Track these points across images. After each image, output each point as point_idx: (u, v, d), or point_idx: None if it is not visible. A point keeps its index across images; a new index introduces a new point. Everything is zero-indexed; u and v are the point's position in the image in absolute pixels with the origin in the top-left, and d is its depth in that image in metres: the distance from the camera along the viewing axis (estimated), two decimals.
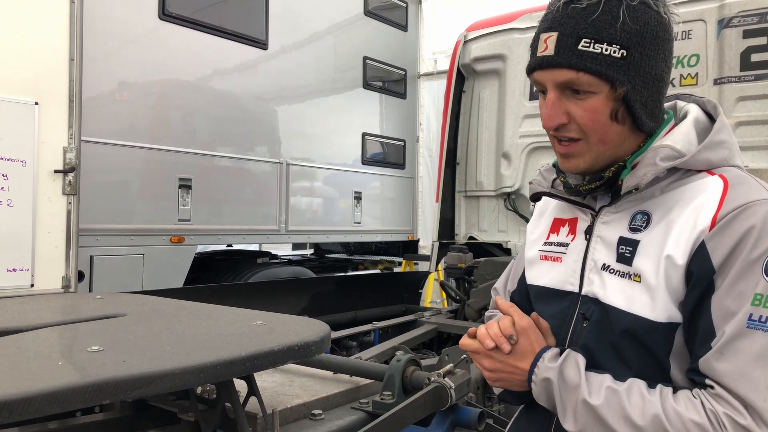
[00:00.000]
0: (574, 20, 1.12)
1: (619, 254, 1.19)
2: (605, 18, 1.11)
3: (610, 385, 1.11)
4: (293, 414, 1.69)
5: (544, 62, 1.15)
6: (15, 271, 3.35)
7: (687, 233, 1.10)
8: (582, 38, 1.11)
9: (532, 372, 1.19)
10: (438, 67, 7.03)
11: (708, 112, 1.25)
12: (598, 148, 1.17)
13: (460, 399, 1.94)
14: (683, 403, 1.05)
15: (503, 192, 5.09)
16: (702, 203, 1.11)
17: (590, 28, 1.11)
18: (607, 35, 1.11)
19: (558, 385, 1.16)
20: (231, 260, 6.07)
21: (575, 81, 1.13)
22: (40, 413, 1.02)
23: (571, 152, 1.19)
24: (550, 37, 1.14)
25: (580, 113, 1.15)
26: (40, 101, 3.45)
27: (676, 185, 1.18)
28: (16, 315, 1.76)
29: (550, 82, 1.16)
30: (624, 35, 1.11)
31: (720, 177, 1.14)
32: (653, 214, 1.17)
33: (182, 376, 1.19)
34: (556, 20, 1.15)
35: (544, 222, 1.42)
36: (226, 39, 4.96)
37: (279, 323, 1.67)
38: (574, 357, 1.17)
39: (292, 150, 5.65)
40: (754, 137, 3.89)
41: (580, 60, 1.12)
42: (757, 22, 3.85)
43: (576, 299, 1.26)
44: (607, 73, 1.12)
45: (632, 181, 1.16)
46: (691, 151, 1.16)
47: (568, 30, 1.13)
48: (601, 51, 1.11)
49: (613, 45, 1.11)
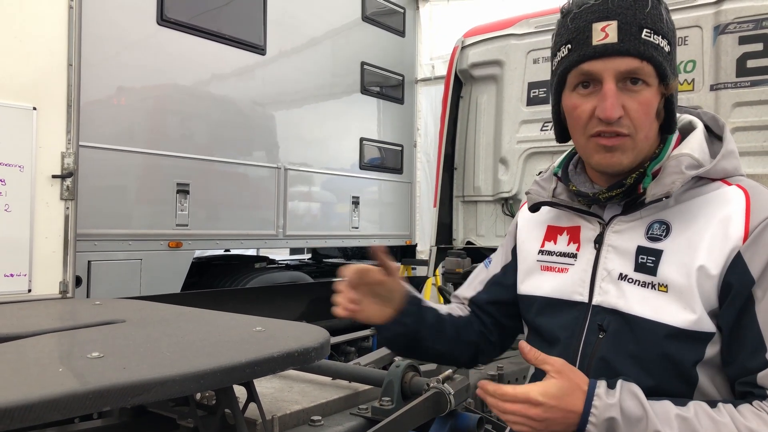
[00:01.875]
0: (631, 11, 1.11)
1: (639, 263, 1.17)
2: (655, 12, 1.12)
3: (678, 413, 1.06)
4: (292, 420, 1.69)
5: (607, 50, 1.12)
6: (12, 276, 3.35)
7: (719, 244, 1.10)
8: (644, 28, 1.11)
9: (589, 414, 1.08)
10: (435, 72, 7.04)
11: (705, 123, 1.26)
12: (642, 145, 1.16)
13: (459, 404, 1.94)
14: (753, 420, 1.04)
15: (501, 197, 5.10)
16: (729, 214, 1.11)
17: (649, 19, 1.11)
18: (660, 28, 1.12)
19: (622, 421, 1.06)
20: (229, 265, 6.07)
21: (638, 70, 1.11)
22: (40, 420, 1.01)
23: (617, 145, 1.15)
24: (608, 25, 1.11)
25: (635, 107, 1.13)
26: (38, 106, 3.45)
27: (690, 194, 1.18)
28: (15, 321, 1.75)
29: (610, 71, 1.12)
30: (669, 32, 1.13)
31: (738, 187, 1.15)
32: (673, 224, 1.16)
33: (182, 382, 1.19)
34: (610, 10, 1.12)
35: (537, 230, 1.40)
36: (224, 44, 4.96)
37: (278, 329, 1.67)
38: (629, 388, 1.09)
39: (289, 155, 5.65)
40: (751, 143, 3.91)
41: (646, 48, 1.11)
42: (753, 28, 3.87)
43: (586, 309, 1.24)
44: (664, 65, 1.12)
45: (659, 189, 1.14)
46: (707, 160, 1.16)
47: (629, 19, 1.11)
48: (659, 42, 1.11)
49: (664, 39, 1.12)
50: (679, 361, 1.12)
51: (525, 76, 4.94)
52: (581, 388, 1.10)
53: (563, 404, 1.08)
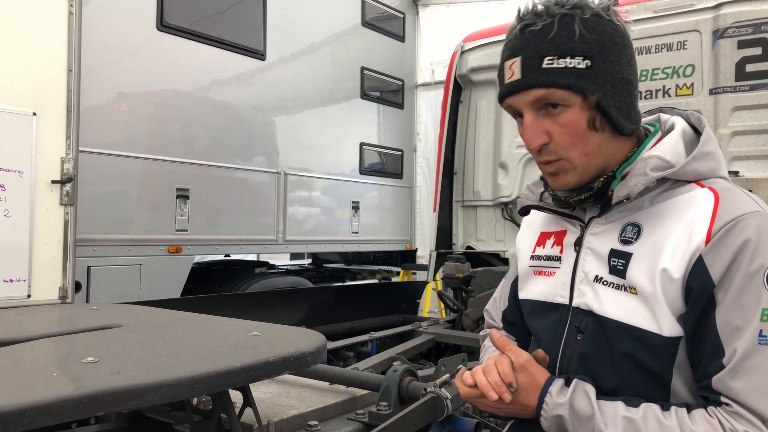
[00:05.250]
0: (534, 42, 1.15)
1: (612, 266, 1.19)
2: (562, 34, 1.14)
3: (625, 415, 1.09)
4: (289, 425, 1.69)
5: (513, 87, 1.18)
6: (12, 281, 3.35)
7: (683, 247, 1.10)
8: (545, 57, 1.14)
9: (541, 409, 1.17)
10: (435, 77, 7.06)
11: (692, 124, 1.26)
12: (582, 161, 1.18)
13: (457, 409, 1.93)
14: (702, 425, 1.05)
15: (500, 201, 5.10)
16: (695, 217, 1.12)
17: (551, 46, 1.14)
18: (568, 49, 1.13)
19: (570, 419, 1.14)
20: (228, 270, 6.07)
21: (547, 97, 1.15)
22: (34, 425, 1.01)
23: (557, 170, 1.20)
24: (514, 63, 1.17)
25: (558, 130, 1.16)
26: (38, 112, 3.46)
27: (664, 196, 1.19)
28: (12, 326, 1.76)
29: (524, 104, 1.18)
30: (584, 46, 1.14)
31: (710, 189, 1.15)
32: (644, 226, 1.18)
33: (177, 387, 1.19)
34: (516, 46, 1.17)
35: (531, 236, 1.43)
36: (224, 50, 4.97)
37: (275, 334, 1.67)
38: (582, 387, 1.15)
39: (289, 160, 5.66)
40: (750, 147, 3.91)
41: (547, 77, 1.14)
42: (752, 32, 3.87)
43: (567, 311, 1.26)
44: (576, 84, 1.14)
45: (622, 192, 1.16)
46: (680, 162, 1.17)
47: (529, 52, 1.15)
48: (566, 65, 1.13)
49: (576, 57, 1.13)
50: (650, 363, 1.13)
51: None
52: (538, 384, 1.18)
53: (520, 398, 1.18)
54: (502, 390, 1.17)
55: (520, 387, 1.18)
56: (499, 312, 1.54)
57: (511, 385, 1.17)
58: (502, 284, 1.57)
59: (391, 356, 3.28)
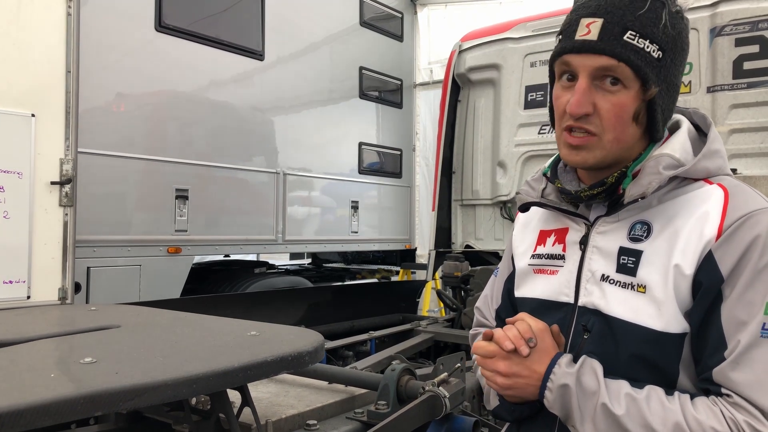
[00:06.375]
0: (622, 11, 1.12)
1: (621, 264, 1.18)
2: (650, 16, 1.12)
3: (629, 392, 1.10)
4: (287, 424, 1.69)
5: (584, 46, 1.13)
6: (11, 282, 3.35)
7: (694, 243, 1.11)
8: (628, 29, 1.11)
9: (548, 378, 1.17)
10: (434, 76, 7.06)
11: (695, 122, 1.26)
12: (612, 146, 1.16)
13: (455, 408, 1.94)
14: (703, 412, 1.06)
15: (499, 200, 5.10)
16: (706, 212, 1.12)
17: (637, 22, 1.11)
18: (651, 33, 1.12)
19: (576, 391, 1.14)
20: (228, 270, 6.07)
21: (613, 70, 1.12)
22: (31, 426, 1.02)
23: (583, 144, 1.16)
24: (593, 22, 1.13)
25: (607, 107, 1.13)
26: (37, 113, 3.46)
27: (673, 194, 1.18)
28: (10, 327, 1.76)
29: (585, 67, 1.14)
30: (664, 37, 1.12)
31: (719, 186, 1.15)
32: (654, 224, 1.17)
33: (175, 387, 1.19)
34: (601, 7, 1.13)
35: (530, 234, 1.41)
36: (223, 50, 4.98)
37: (273, 333, 1.67)
38: (590, 363, 1.16)
39: (288, 160, 5.66)
40: (748, 144, 3.91)
41: (624, 50, 1.11)
42: (749, 30, 3.88)
43: (572, 310, 1.25)
44: (645, 70, 1.12)
45: (636, 190, 1.15)
46: (689, 160, 1.17)
47: (615, 18, 1.12)
48: (644, 47, 1.11)
49: (654, 44, 1.12)
50: (657, 361, 1.13)
51: (522, 79, 4.96)
52: (549, 353, 1.19)
53: (530, 362, 1.18)
54: (520, 343, 1.18)
55: (535, 352, 1.18)
56: (492, 310, 1.52)
57: (531, 340, 1.18)
58: (493, 282, 1.55)
59: (390, 355, 3.28)
